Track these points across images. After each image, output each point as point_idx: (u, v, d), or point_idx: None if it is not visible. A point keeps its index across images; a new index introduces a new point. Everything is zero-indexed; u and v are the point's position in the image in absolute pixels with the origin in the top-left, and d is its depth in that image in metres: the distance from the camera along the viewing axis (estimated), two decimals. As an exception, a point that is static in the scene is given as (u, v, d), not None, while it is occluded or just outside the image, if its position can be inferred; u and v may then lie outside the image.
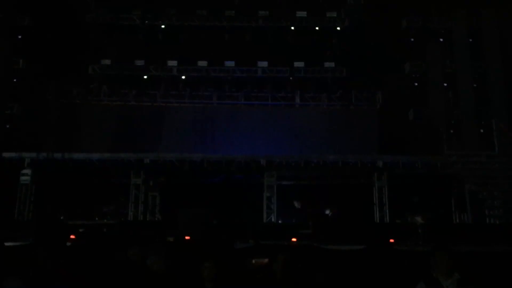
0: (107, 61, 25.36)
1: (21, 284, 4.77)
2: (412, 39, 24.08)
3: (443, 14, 24.13)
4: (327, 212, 18.44)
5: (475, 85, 23.28)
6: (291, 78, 25.45)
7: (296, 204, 18.40)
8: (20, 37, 24.48)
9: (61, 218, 19.42)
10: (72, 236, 12.19)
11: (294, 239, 13.16)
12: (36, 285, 4.59)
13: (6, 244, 10.84)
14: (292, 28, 25.77)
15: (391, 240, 12.33)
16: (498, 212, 18.75)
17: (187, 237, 12.23)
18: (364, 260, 9.35)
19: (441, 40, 24.06)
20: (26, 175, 20.27)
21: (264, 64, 25.28)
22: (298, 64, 25.23)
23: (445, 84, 23.92)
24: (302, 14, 25.77)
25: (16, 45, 24.17)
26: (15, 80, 24.11)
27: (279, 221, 20.81)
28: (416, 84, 24.33)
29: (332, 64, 25.27)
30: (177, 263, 5.54)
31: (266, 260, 7.47)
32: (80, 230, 14.15)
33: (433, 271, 4.98)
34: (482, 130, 22.66)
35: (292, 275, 5.67)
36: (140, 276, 5.04)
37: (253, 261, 7.90)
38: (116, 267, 5.93)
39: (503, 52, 22.51)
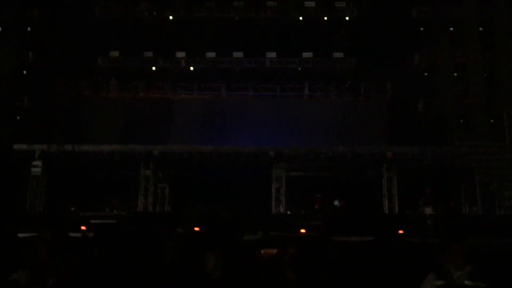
0: (115, 53, 25.42)
1: (27, 276, 4.81)
2: (422, 29, 23.83)
3: (453, 4, 23.85)
4: (336, 203, 18.43)
5: (485, 76, 23.04)
6: (299, 69, 25.36)
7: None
8: (29, 30, 24.59)
9: (72, 209, 19.60)
10: (83, 227, 12.31)
11: (303, 230, 13.18)
12: (36, 279, 4.61)
13: (20, 235, 11.00)
14: (301, 18, 25.64)
15: (401, 231, 12.31)
16: (509, 203, 18.61)
17: (196, 228, 12.31)
18: (373, 251, 9.35)
19: (451, 30, 23.80)
20: (37, 167, 20.43)
21: (272, 55, 25.19)
22: (307, 54, 25.12)
23: (455, 75, 23.71)
24: (310, 4, 25.62)
25: (26, 38, 24.28)
26: (24, 73, 24.26)
27: (288, 212, 20.84)
28: (426, 74, 24.14)
29: (341, 55, 25.12)
30: (185, 253, 5.59)
31: (275, 250, 7.52)
32: (91, 221, 14.27)
33: (445, 262, 4.97)
34: (492, 121, 22.45)
35: (300, 268, 5.70)
36: (149, 267, 5.09)
37: (262, 251, 7.95)
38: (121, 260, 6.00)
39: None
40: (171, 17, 25.79)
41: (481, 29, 23.17)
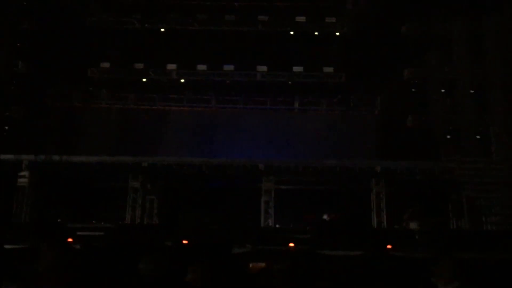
0: (106, 65, 25.38)
1: None
2: (412, 45, 24.12)
3: (442, 21, 24.19)
4: (325, 217, 18.43)
5: (473, 92, 23.32)
6: (290, 82, 25.49)
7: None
8: (20, 39, 24.50)
9: (59, 220, 19.39)
10: (69, 239, 12.18)
11: (291, 244, 13.16)
12: None
13: (6, 247, 10.84)
14: (292, 33, 25.86)
15: (389, 246, 12.34)
16: (495, 219, 18.74)
17: (184, 241, 12.23)
18: (361, 265, 9.36)
19: (440, 46, 24.11)
20: (23, 177, 20.24)
21: (263, 68, 25.32)
22: (297, 68, 25.28)
23: (444, 90, 23.97)
24: (301, 19, 25.86)
25: (16, 48, 24.18)
26: (14, 82, 24.12)
27: (277, 226, 20.79)
28: (415, 90, 24.38)
29: (331, 69, 25.31)
30: (170, 267, 5.53)
31: (263, 264, 7.49)
32: (78, 233, 14.13)
33: (433, 277, 4.99)
34: (480, 137, 22.69)
35: (289, 282, 5.67)
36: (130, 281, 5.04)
37: (250, 265, 7.92)
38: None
39: (502, 59, 22.56)
40: (162, 29, 25.86)
41: (469, 46, 23.49)
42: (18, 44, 24.45)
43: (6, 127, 23.50)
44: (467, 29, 23.60)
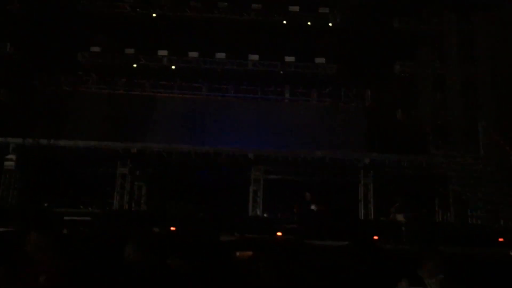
0: (96, 49, 25.11)
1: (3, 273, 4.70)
2: (403, 40, 24.19)
3: (434, 16, 24.28)
4: (313, 207, 18.54)
5: (463, 87, 23.49)
6: (281, 72, 25.46)
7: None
8: (8, 21, 24.10)
9: (46, 205, 19.27)
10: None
11: (279, 233, 13.23)
12: (22, 276, 4.52)
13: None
14: (284, 22, 25.78)
15: (375, 237, 12.46)
16: (480, 213, 19.00)
17: (172, 228, 12.24)
18: (347, 256, 9.42)
19: (432, 41, 24.22)
20: (10, 161, 20.04)
21: (255, 57, 25.24)
22: (289, 59, 25.23)
23: (434, 85, 24.11)
24: (294, 9, 25.78)
25: (4, 30, 23.79)
26: (2, 65, 23.76)
27: (265, 215, 20.88)
28: (405, 84, 24.50)
29: (323, 60, 25.30)
30: (158, 254, 5.53)
31: (250, 253, 7.52)
32: (65, 218, 14.06)
33: (419, 269, 5.06)
34: (468, 132, 22.90)
35: (275, 271, 5.71)
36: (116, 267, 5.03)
37: (237, 253, 7.95)
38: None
39: (491, 56, 22.73)
40: (154, 15, 25.62)
41: (460, 43, 23.62)
42: (6, 26, 24.06)
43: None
44: (458, 25, 23.73)
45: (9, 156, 20.13)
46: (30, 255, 4.59)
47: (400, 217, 17.03)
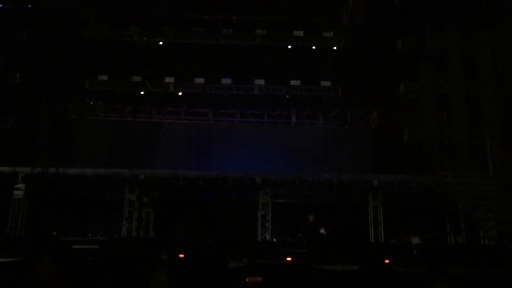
0: (104, 77, 25.45)
1: None
2: (407, 60, 24.33)
3: (437, 36, 24.45)
4: (322, 231, 18.34)
5: (468, 106, 23.49)
6: (287, 96, 25.61)
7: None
8: (17, 51, 24.54)
9: (54, 233, 19.22)
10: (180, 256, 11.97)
11: (288, 258, 13.09)
12: None
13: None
14: (289, 47, 26.04)
15: (387, 261, 12.29)
16: (492, 234, 18.71)
17: (181, 255, 12.15)
18: (359, 280, 9.29)
19: (436, 61, 24.34)
20: (19, 190, 20.08)
21: (260, 82, 25.45)
22: (295, 82, 25.42)
23: (439, 105, 24.12)
24: (299, 33, 26.07)
25: (13, 59, 24.20)
26: (10, 93, 24.09)
27: (274, 240, 20.69)
28: (411, 104, 24.53)
29: (328, 83, 25.46)
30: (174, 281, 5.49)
31: (260, 279, 7.44)
32: (73, 246, 14.00)
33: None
34: (476, 151, 22.78)
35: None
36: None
37: (247, 279, 7.87)
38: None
39: (495, 74, 22.78)
40: (160, 42, 25.99)
41: (464, 61, 23.71)
42: (16, 55, 24.47)
43: (1, 139, 23.42)
44: (461, 44, 23.86)
45: (18, 186, 20.18)
46: (40, 284, 4.57)
47: (415, 240, 16.78)
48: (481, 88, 23.18)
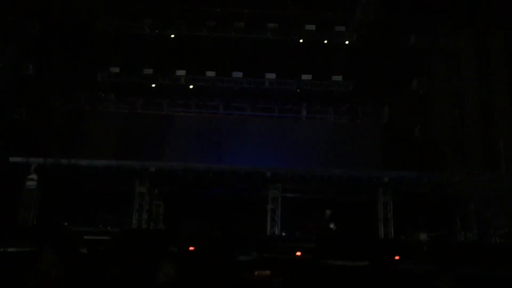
0: (115, 69, 25.55)
1: None
2: (420, 56, 24.11)
3: (450, 32, 24.19)
4: (332, 226, 18.36)
5: (481, 104, 23.25)
6: (298, 90, 25.53)
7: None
8: (30, 43, 24.70)
9: (65, 224, 19.43)
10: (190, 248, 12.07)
11: (298, 253, 13.10)
12: None
13: (10, 250, 10.86)
14: (301, 41, 25.92)
15: (397, 257, 12.24)
16: (503, 232, 18.60)
17: (191, 248, 12.19)
18: (368, 277, 9.27)
19: (449, 58, 24.09)
20: (32, 180, 20.31)
21: (272, 76, 25.39)
22: (306, 77, 25.32)
23: (452, 102, 23.91)
24: (310, 27, 25.91)
25: (26, 51, 24.36)
26: (23, 85, 24.28)
27: (283, 234, 20.73)
28: (423, 101, 24.34)
29: (340, 78, 25.33)
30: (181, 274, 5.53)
31: (268, 272, 7.47)
32: (85, 237, 14.14)
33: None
34: (487, 149, 22.58)
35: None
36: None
37: (256, 273, 7.90)
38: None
39: (509, 72, 22.51)
40: (172, 35, 26.01)
41: (477, 58, 23.44)
42: (28, 47, 24.63)
43: (15, 131, 23.66)
44: (475, 41, 23.59)
45: (31, 176, 20.40)
46: (42, 273, 4.61)
47: (423, 236, 16.74)
48: (494, 86, 22.92)
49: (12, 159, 20.59)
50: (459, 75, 23.74)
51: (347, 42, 25.91)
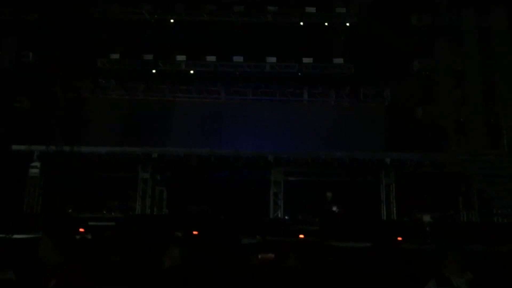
0: (116, 56, 25.43)
1: (13, 277, 4.77)
2: (422, 36, 23.90)
3: (452, 12, 23.95)
4: (334, 208, 18.42)
5: (484, 83, 23.11)
6: (299, 73, 25.39)
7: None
8: (29, 30, 24.57)
9: (69, 211, 19.56)
10: (81, 230, 12.29)
11: (301, 236, 13.18)
12: (30, 279, 4.56)
13: (15, 236, 10.96)
14: (301, 23, 25.70)
15: (399, 238, 12.32)
16: (506, 211, 18.64)
17: (195, 232, 12.29)
18: (371, 257, 9.35)
19: (451, 37, 23.88)
20: (35, 168, 20.40)
21: (272, 59, 25.22)
22: (307, 60, 25.15)
23: (454, 82, 23.77)
24: (311, 9, 25.67)
25: (26, 39, 24.25)
26: (24, 73, 24.23)
27: (286, 217, 20.83)
28: (425, 81, 24.20)
29: (341, 61, 25.15)
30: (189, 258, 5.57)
31: (272, 255, 7.52)
32: (90, 223, 14.25)
33: (445, 270, 4.99)
34: (490, 129, 22.52)
35: (300, 272, 5.69)
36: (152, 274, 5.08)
37: (259, 256, 7.95)
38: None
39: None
40: (172, 20, 25.83)
41: (480, 37, 23.24)
42: (28, 35, 24.51)
43: (16, 119, 23.68)
44: (477, 20, 23.35)
45: (34, 164, 20.48)
46: (42, 259, 4.62)
47: (427, 218, 16.79)
48: (497, 65, 22.75)
49: (15, 147, 20.66)
50: (461, 54, 23.55)
51: (348, 24, 25.67)
